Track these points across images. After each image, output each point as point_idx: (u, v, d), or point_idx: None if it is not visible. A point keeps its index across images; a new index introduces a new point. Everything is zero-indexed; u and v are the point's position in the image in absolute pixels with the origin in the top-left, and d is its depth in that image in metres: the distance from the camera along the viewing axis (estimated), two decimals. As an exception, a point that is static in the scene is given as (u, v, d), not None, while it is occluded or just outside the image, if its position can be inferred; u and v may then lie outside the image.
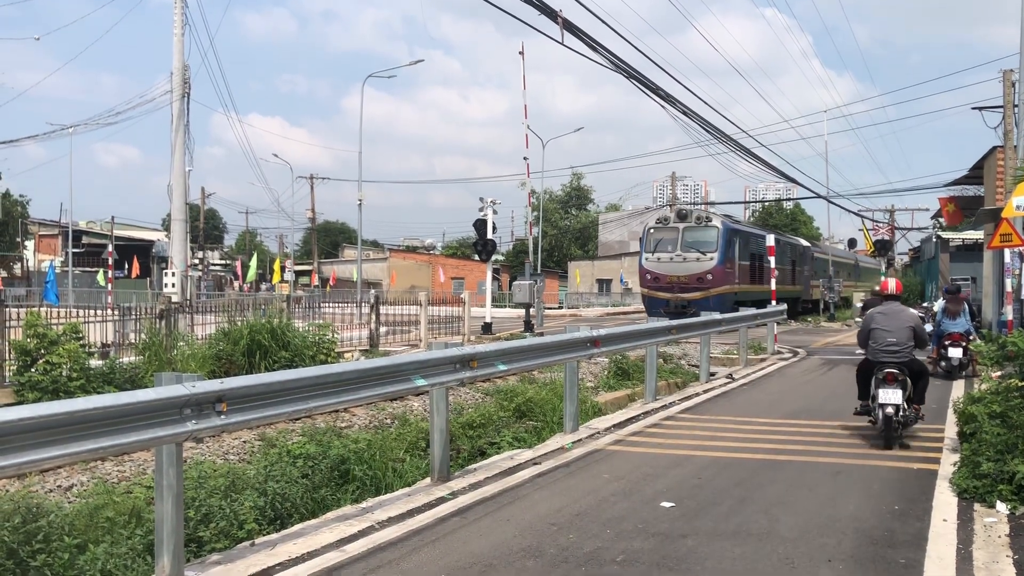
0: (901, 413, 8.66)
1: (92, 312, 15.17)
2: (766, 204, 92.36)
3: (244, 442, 8.75)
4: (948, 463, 7.84)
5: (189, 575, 5.00)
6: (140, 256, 53.42)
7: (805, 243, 41.14)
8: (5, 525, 5.25)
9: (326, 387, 6.21)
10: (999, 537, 5.76)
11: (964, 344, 14.48)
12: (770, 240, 24.13)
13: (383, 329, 19.73)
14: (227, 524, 6.21)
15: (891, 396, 8.65)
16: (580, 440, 9.14)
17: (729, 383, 14.28)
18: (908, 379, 8.86)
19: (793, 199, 77.06)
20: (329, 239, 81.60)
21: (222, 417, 5.25)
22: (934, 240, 34.67)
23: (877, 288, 23.92)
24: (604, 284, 65.88)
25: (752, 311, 19.30)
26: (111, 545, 5.60)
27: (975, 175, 26.99)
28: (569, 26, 13.07)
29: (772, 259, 23.88)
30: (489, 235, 24.89)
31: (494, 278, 40.61)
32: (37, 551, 5.18)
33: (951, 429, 9.43)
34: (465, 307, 21.85)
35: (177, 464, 5.05)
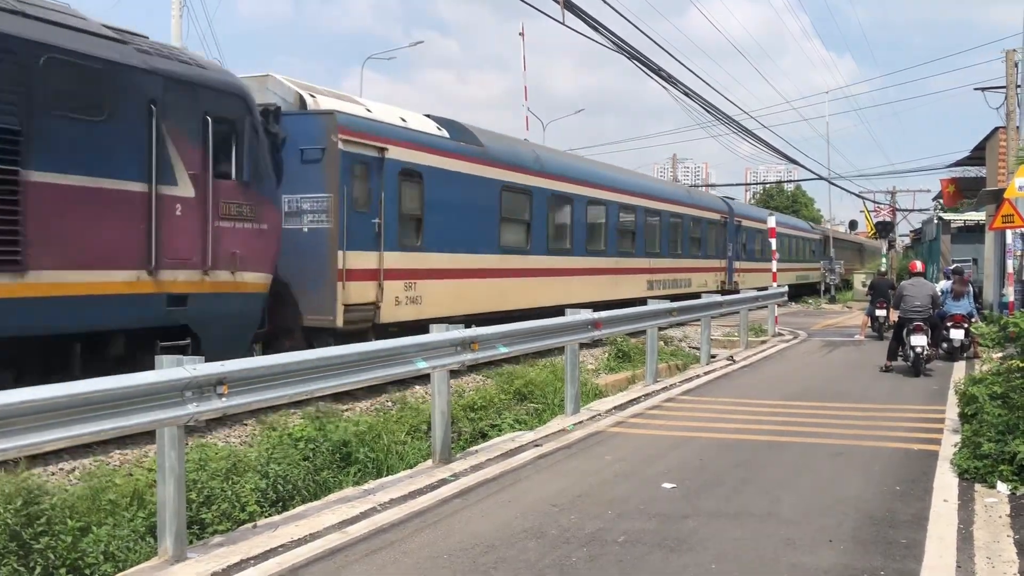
0: (925, 352, 12.76)
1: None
2: (767, 185, 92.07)
3: (245, 424, 8.76)
4: (949, 444, 7.84)
5: (192, 557, 5.01)
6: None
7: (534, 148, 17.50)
8: (8, 508, 5.25)
9: (327, 369, 6.23)
10: (1000, 517, 5.77)
11: (966, 326, 14.46)
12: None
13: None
14: (229, 506, 6.22)
15: (919, 340, 12.75)
16: (581, 422, 9.15)
17: (730, 365, 14.28)
18: (929, 329, 13.05)
19: (794, 180, 76.49)
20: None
21: (223, 400, 5.26)
22: (935, 222, 34.51)
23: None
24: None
25: (753, 293, 19.07)
26: (113, 528, 5.62)
27: (977, 156, 26.87)
28: (570, 5, 12.95)
29: (773, 241, 23.69)
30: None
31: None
32: (40, 533, 5.19)
33: (952, 410, 9.44)
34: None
35: (179, 446, 5.06)
